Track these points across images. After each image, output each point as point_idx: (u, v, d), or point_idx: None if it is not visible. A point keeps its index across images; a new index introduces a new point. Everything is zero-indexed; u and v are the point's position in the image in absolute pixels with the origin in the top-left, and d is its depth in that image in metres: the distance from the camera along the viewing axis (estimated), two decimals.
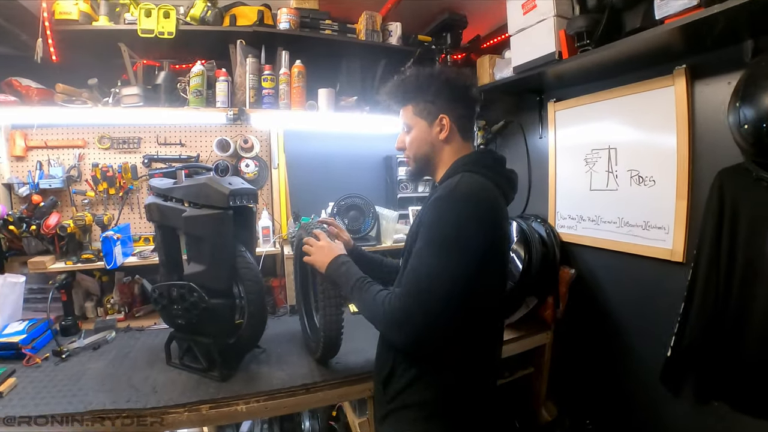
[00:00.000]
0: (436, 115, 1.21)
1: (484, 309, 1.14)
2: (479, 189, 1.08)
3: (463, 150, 1.24)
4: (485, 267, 1.05)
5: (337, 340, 1.60)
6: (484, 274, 1.06)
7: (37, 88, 2.02)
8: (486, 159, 1.20)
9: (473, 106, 1.26)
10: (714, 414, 1.57)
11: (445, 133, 1.21)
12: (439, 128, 1.21)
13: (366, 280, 1.20)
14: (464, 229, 1.02)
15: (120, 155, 2.36)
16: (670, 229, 1.75)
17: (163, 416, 1.46)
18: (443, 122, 1.20)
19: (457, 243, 1.02)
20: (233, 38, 2.23)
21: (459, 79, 1.23)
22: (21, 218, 2.08)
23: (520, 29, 2.00)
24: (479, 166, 1.15)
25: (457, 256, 1.01)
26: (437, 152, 1.24)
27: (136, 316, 2.27)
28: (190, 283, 1.55)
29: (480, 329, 1.16)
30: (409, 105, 1.25)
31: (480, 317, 1.13)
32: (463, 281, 1.01)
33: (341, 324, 1.56)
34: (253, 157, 2.45)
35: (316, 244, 1.40)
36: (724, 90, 1.52)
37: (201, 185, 1.54)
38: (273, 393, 1.55)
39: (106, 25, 2.07)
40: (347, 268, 1.28)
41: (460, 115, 1.22)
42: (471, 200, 1.05)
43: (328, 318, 1.52)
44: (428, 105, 1.22)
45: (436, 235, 1.04)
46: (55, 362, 1.77)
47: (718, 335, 1.47)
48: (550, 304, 2.17)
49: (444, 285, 1.00)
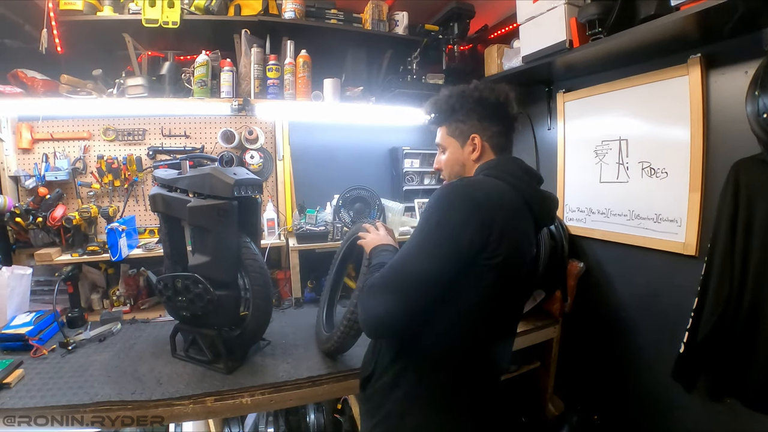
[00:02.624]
0: (468, 135, 1.18)
1: (474, 307, 1.05)
2: (486, 185, 1.04)
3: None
4: (474, 265, 0.98)
5: (358, 335, 1.58)
6: (474, 272, 0.99)
7: (43, 79, 2.01)
8: (510, 165, 1.14)
9: (509, 123, 1.21)
10: (727, 411, 1.54)
11: (477, 153, 1.17)
12: (471, 148, 1.18)
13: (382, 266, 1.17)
14: (448, 217, 0.98)
15: (125, 147, 2.35)
16: (682, 221, 1.72)
17: (168, 408, 1.46)
18: (475, 142, 1.17)
19: (438, 230, 0.98)
20: (238, 28, 2.20)
21: (491, 97, 1.17)
22: (28, 210, 2.09)
23: (530, 17, 1.96)
24: (499, 171, 1.11)
25: (432, 241, 0.98)
26: (469, 171, 1.20)
27: (142, 308, 2.28)
28: (195, 274, 1.55)
29: (468, 328, 1.07)
30: (443, 125, 1.24)
31: (468, 315, 1.05)
32: (435, 268, 0.97)
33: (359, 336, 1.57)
34: (257, 148, 2.43)
35: (375, 231, 1.44)
36: (741, 79, 1.48)
37: (205, 175, 1.53)
38: (278, 386, 1.54)
39: (110, 15, 2.06)
40: (385, 255, 1.27)
41: (494, 134, 1.17)
42: (467, 191, 1.01)
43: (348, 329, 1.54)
44: (459, 125, 1.19)
45: (420, 222, 1.03)
46: (61, 354, 1.78)
47: (733, 330, 1.44)
48: (558, 298, 2.14)
49: (414, 265, 0.98)
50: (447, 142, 1.23)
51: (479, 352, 1.12)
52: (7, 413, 1.42)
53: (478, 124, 1.17)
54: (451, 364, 1.09)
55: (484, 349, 1.14)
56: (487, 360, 1.17)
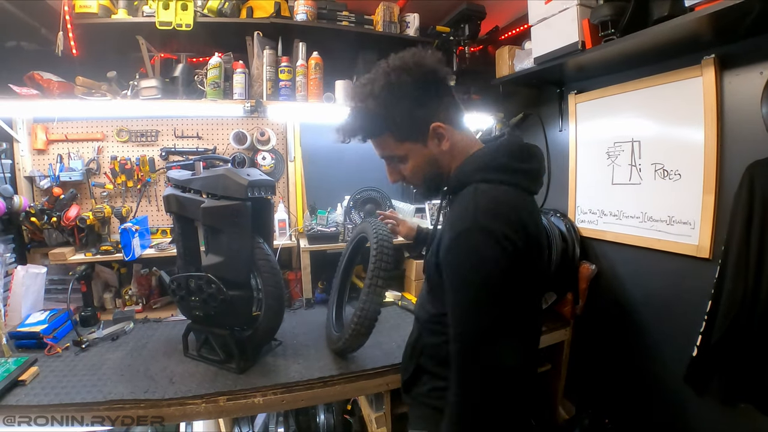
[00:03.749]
0: (426, 127, 0.98)
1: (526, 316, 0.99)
2: (502, 216, 0.89)
3: (466, 142, 1.03)
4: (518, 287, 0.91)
5: (369, 332, 1.58)
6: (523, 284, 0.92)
7: (58, 81, 2.03)
8: (499, 158, 0.98)
9: (449, 86, 1.01)
10: (741, 416, 1.52)
11: (447, 142, 0.99)
12: (436, 140, 0.99)
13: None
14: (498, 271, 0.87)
15: (138, 148, 2.38)
16: (696, 224, 1.70)
17: (180, 407, 1.48)
18: (439, 131, 0.98)
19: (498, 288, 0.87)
20: (250, 30, 2.22)
21: (420, 69, 0.96)
22: (42, 210, 2.12)
23: (542, 18, 1.96)
24: (493, 171, 0.96)
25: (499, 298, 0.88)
26: (446, 163, 1.03)
27: (154, 308, 2.30)
28: (208, 274, 1.56)
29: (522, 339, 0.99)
30: (384, 134, 1.02)
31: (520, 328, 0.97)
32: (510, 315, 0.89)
33: (376, 317, 1.55)
34: (269, 149, 2.45)
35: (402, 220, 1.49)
36: (756, 81, 1.46)
37: (219, 176, 1.54)
38: (290, 386, 1.55)
39: (124, 18, 2.08)
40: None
41: (447, 107, 1.00)
42: (495, 231, 0.86)
43: (367, 308, 1.53)
44: (407, 122, 0.98)
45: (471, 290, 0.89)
46: (75, 352, 1.80)
47: (747, 335, 1.42)
48: (569, 301, 2.14)
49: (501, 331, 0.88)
50: (403, 149, 1.02)
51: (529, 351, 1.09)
52: (23, 410, 1.44)
53: (428, 110, 0.97)
54: None
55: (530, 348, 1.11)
56: (532, 360, 1.17)
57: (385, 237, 1.60)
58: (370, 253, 1.58)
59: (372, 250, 1.59)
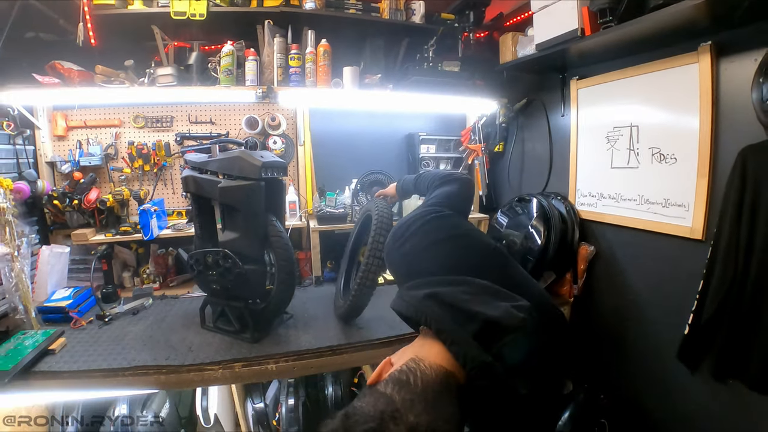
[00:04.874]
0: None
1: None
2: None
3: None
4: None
5: (367, 299, 1.74)
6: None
7: (78, 70, 2.12)
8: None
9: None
10: (730, 392, 1.57)
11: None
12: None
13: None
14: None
15: (154, 133, 2.48)
16: (690, 206, 1.74)
17: (199, 373, 1.59)
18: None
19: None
20: (261, 19, 2.28)
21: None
22: (64, 194, 2.23)
23: (543, 6, 1.99)
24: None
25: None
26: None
27: (170, 286, 2.42)
28: (225, 249, 1.66)
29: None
30: None
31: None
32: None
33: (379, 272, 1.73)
34: (280, 134, 2.54)
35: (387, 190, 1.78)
36: (751, 67, 1.47)
37: (235, 158, 1.63)
38: (301, 354, 1.66)
39: (140, 8, 2.16)
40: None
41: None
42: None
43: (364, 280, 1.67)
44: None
45: None
46: (98, 325, 1.93)
47: (736, 314, 1.47)
48: (568, 280, 2.20)
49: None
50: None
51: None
52: (54, 376, 1.56)
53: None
54: None
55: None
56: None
57: (384, 207, 1.79)
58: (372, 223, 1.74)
59: (373, 219, 1.75)
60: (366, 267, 1.68)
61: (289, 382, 2.32)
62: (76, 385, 1.57)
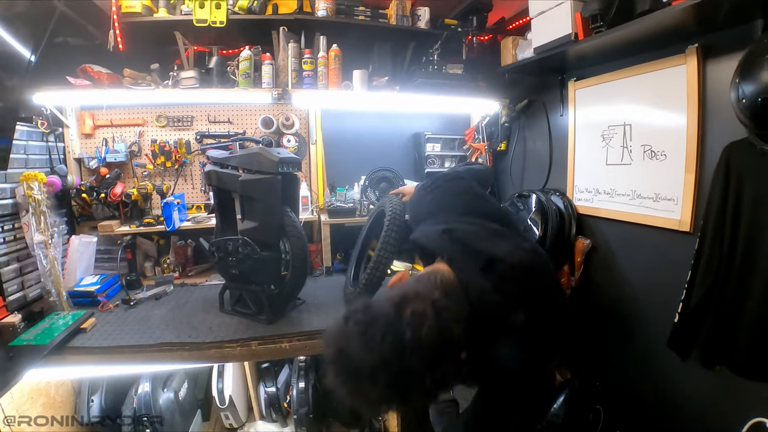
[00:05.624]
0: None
1: None
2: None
3: None
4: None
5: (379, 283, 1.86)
6: None
7: (107, 73, 2.28)
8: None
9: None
10: (718, 378, 1.64)
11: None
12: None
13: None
14: None
15: (175, 132, 2.64)
16: (679, 200, 1.82)
17: (219, 350, 1.73)
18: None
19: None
20: (276, 25, 2.43)
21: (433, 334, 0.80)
22: (91, 188, 2.38)
23: (541, 12, 2.11)
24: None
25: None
26: None
27: (189, 275, 2.57)
28: (245, 237, 1.80)
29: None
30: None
31: None
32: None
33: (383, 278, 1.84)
34: (293, 133, 2.69)
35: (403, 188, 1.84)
36: (734, 68, 1.54)
37: (254, 154, 1.78)
38: (312, 333, 1.79)
39: (164, 16, 2.32)
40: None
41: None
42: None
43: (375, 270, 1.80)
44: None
45: None
46: (124, 309, 2.09)
47: (722, 302, 1.55)
48: (566, 273, 2.30)
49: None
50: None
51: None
52: (87, 351, 1.72)
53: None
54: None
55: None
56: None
57: (398, 204, 1.89)
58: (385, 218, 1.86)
59: (387, 215, 1.87)
60: (378, 258, 1.80)
61: (300, 365, 2.45)
62: (107, 360, 1.73)
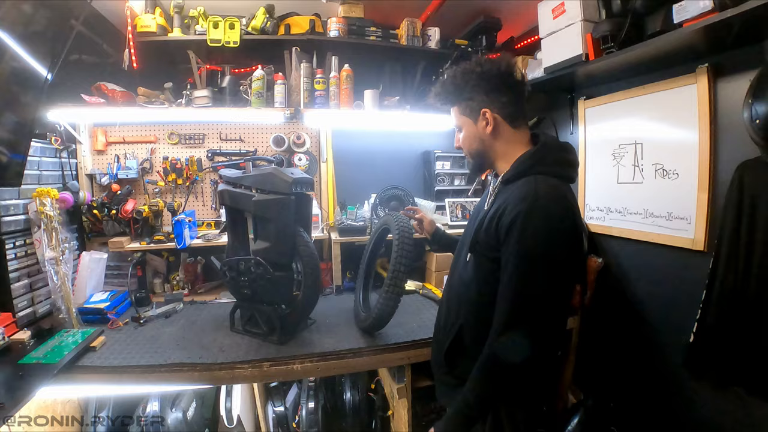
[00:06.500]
0: (478, 110, 1.23)
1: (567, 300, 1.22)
2: (558, 199, 1.10)
3: (517, 138, 1.25)
4: (571, 272, 1.14)
5: (392, 313, 1.80)
6: (570, 277, 1.15)
7: (121, 91, 2.30)
8: (550, 155, 1.19)
9: (517, 91, 1.24)
10: (734, 399, 1.63)
11: (490, 126, 1.22)
12: (484, 122, 1.23)
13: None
14: (557, 247, 1.07)
15: (186, 149, 2.65)
16: (692, 219, 1.83)
17: (230, 371, 1.71)
18: (486, 116, 1.22)
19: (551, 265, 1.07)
20: (288, 45, 2.46)
21: (493, 68, 1.21)
22: (102, 204, 2.39)
23: (551, 32, 2.14)
24: (548, 166, 1.17)
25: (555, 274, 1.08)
26: (489, 146, 1.26)
27: (199, 292, 2.56)
28: (257, 257, 1.80)
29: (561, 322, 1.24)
30: (454, 106, 1.30)
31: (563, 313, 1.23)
32: (564, 294, 1.13)
33: (398, 302, 1.78)
34: (304, 151, 2.70)
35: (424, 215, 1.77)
36: (745, 87, 1.55)
37: (268, 174, 1.79)
38: (324, 355, 1.77)
39: (179, 36, 2.35)
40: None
41: (503, 104, 1.22)
42: (556, 216, 1.08)
43: (389, 295, 1.74)
44: (469, 102, 1.25)
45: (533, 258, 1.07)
46: (134, 326, 2.07)
47: (737, 322, 1.54)
48: (578, 291, 2.28)
49: (550, 304, 1.09)
50: (461, 121, 1.29)
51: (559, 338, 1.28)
52: (97, 371, 1.69)
53: (486, 98, 1.22)
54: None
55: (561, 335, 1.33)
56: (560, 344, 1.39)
57: (404, 221, 1.84)
58: (392, 244, 1.78)
59: (394, 242, 1.79)
60: (391, 281, 1.74)
61: (309, 386, 2.43)
62: (117, 380, 1.70)
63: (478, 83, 1.22)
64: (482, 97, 1.23)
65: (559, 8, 2.06)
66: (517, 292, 1.09)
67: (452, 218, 2.78)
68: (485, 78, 1.22)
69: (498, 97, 1.22)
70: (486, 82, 1.22)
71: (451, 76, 1.28)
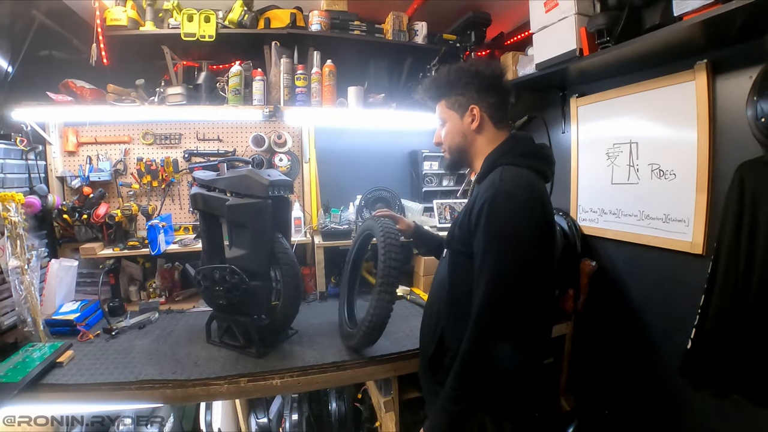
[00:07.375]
0: (467, 106, 1.27)
1: (542, 292, 1.18)
2: (523, 185, 1.13)
3: (497, 139, 1.28)
4: (542, 256, 1.12)
5: (382, 329, 1.65)
6: (542, 262, 1.13)
7: (90, 88, 2.18)
8: (518, 147, 1.24)
9: (505, 95, 1.30)
10: (733, 407, 1.58)
11: (476, 123, 1.27)
12: (470, 119, 1.27)
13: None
14: (522, 229, 1.08)
15: (162, 150, 2.53)
16: (690, 221, 1.77)
17: (205, 387, 1.60)
18: (473, 112, 1.26)
19: (520, 244, 1.07)
20: (268, 40, 2.35)
21: (487, 70, 1.28)
22: (73, 208, 2.27)
23: (543, 27, 2.05)
24: (515, 157, 1.20)
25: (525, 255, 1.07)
26: (471, 142, 1.30)
27: (176, 300, 2.44)
28: (232, 265, 1.69)
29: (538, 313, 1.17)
30: (442, 100, 1.33)
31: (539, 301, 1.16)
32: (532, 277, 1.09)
33: (389, 314, 1.62)
34: (286, 151, 2.59)
35: (400, 217, 1.72)
36: (746, 84, 1.51)
37: (242, 176, 1.67)
38: (306, 369, 1.67)
39: (152, 29, 2.23)
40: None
41: (491, 104, 1.27)
42: (519, 197, 1.10)
43: (379, 307, 1.59)
44: (459, 98, 1.29)
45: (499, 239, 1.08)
46: (105, 339, 1.95)
47: (737, 328, 1.48)
48: (571, 296, 2.21)
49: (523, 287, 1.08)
50: (447, 115, 1.33)
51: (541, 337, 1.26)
52: (62, 389, 1.57)
53: (476, 96, 1.27)
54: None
55: (544, 335, 1.30)
56: (544, 345, 1.31)
57: (389, 225, 1.68)
58: (378, 252, 1.62)
59: (380, 249, 1.62)
60: (375, 311, 1.60)
61: (293, 397, 2.33)
62: (84, 398, 1.59)
63: (471, 81, 1.27)
64: (473, 94, 1.27)
65: (552, 1, 1.97)
66: (488, 279, 1.08)
67: (440, 220, 2.69)
68: (479, 77, 1.27)
69: (487, 97, 1.27)
70: (479, 80, 1.27)
71: (444, 72, 1.33)
